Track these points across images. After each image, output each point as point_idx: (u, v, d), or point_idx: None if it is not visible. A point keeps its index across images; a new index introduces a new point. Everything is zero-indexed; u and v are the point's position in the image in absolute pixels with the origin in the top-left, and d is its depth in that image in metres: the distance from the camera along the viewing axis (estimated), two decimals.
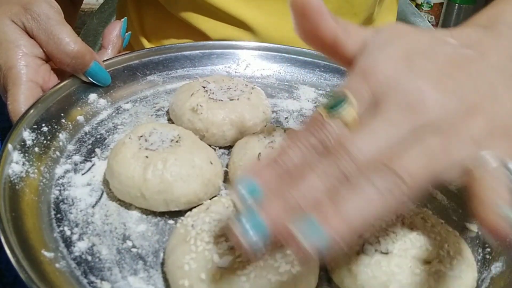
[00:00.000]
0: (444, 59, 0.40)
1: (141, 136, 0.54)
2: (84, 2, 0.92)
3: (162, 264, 0.46)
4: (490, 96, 0.39)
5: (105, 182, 0.53)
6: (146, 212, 0.51)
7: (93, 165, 0.56)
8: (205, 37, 0.85)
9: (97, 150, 0.58)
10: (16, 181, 0.49)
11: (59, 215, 0.49)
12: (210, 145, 0.58)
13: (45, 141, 0.55)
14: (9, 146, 0.50)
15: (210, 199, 0.51)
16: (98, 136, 0.60)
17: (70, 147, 0.57)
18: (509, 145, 0.37)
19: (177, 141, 0.54)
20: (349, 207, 0.33)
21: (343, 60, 0.44)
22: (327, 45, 0.44)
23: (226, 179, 0.56)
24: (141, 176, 0.50)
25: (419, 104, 0.37)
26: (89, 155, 0.57)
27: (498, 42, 0.43)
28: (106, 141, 0.60)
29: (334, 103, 0.38)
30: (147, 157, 0.51)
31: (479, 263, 0.50)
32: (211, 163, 0.53)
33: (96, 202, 0.51)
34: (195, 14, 0.83)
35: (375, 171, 0.34)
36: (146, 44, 0.91)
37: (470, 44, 0.42)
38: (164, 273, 0.45)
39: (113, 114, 0.64)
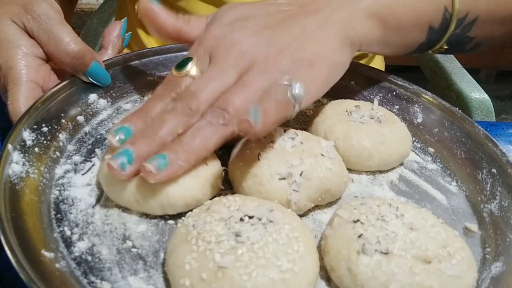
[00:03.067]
0: (266, 17, 0.55)
1: None
2: (84, 2, 0.92)
3: (162, 264, 0.46)
4: (300, 38, 0.53)
5: None
6: None
7: (93, 165, 0.56)
8: None
9: (97, 150, 0.58)
10: (16, 181, 0.49)
11: (59, 215, 0.49)
12: None
13: (45, 141, 0.55)
14: (9, 146, 0.50)
15: (210, 199, 0.51)
16: (98, 136, 0.60)
17: (70, 147, 0.57)
18: (312, 72, 0.52)
19: None
20: (193, 144, 0.48)
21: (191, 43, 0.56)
22: (175, 36, 0.58)
23: (226, 179, 0.56)
24: (134, 180, 0.49)
25: (236, 50, 0.51)
26: (89, 155, 0.57)
27: None
28: (106, 141, 0.59)
29: (181, 64, 0.52)
30: None
31: (479, 263, 0.50)
32: (206, 164, 0.52)
33: (96, 202, 0.51)
34: (199, 7, 0.83)
35: (210, 109, 0.48)
36: (146, 40, 0.91)
37: (296, 1, 0.57)
38: (164, 273, 0.45)
39: (113, 114, 0.64)
